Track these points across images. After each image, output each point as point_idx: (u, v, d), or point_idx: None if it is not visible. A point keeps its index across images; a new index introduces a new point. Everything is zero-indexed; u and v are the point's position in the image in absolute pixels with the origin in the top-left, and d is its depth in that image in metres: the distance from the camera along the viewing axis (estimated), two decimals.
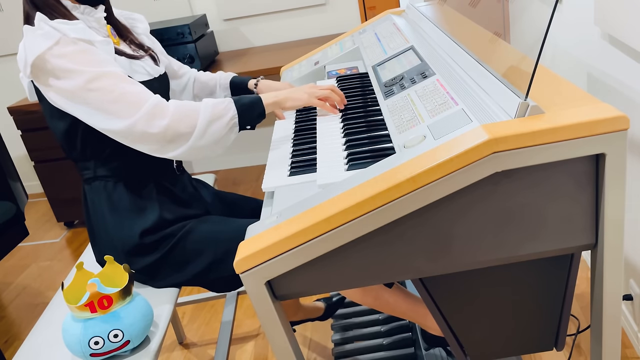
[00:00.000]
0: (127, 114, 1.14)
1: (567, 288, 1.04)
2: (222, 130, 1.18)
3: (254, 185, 3.15)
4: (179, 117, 1.15)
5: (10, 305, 2.45)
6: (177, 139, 1.16)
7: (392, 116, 1.14)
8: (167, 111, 1.15)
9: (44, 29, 1.13)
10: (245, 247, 0.92)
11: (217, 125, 1.18)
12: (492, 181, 0.85)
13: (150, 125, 1.14)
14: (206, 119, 1.16)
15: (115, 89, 1.13)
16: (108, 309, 1.11)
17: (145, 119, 1.14)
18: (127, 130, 1.15)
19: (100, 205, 1.29)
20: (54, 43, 1.12)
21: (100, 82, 1.13)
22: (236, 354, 1.89)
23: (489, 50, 1.13)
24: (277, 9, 2.99)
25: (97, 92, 1.13)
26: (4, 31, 3.11)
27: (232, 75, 1.59)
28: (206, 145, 1.18)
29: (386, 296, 1.31)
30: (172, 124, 1.15)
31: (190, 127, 1.15)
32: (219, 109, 1.18)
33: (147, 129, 1.14)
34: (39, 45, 1.12)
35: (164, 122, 1.14)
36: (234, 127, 1.20)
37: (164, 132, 1.15)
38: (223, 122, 1.18)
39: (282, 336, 0.98)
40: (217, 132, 1.18)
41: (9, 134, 3.30)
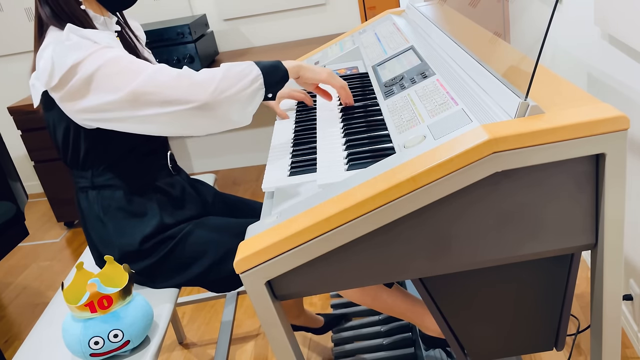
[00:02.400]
0: (130, 78, 1.08)
1: (567, 288, 1.05)
2: (247, 89, 1.10)
3: (254, 185, 3.15)
4: (194, 74, 1.09)
5: (10, 305, 2.45)
6: (196, 91, 1.07)
7: (392, 116, 1.14)
8: (174, 72, 1.09)
9: (72, 39, 1.10)
10: (245, 247, 0.92)
11: (242, 83, 1.10)
12: (492, 181, 0.85)
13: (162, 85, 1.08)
14: (227, 75, 1.09)
15: (119, 63, 1.09)
16: (108, 309, 1.11)
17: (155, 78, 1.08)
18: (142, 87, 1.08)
19: (98, 214, 1.28)
20: (89, 54, 1.09)
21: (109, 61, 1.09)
22: (236, 354, 1.89)
23: (489, 50, 1.13)
24: (277, 9, 2.99)
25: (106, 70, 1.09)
26: (4, 31, 3.11)
27: None
28: (230, 103, 1.09)
29: (385, 296, 1.31)
30: (188, 73, 1.09)
31: (210, 80, 1.08)
32: (239, 68, 1.11)
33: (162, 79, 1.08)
34: (70, 56, 1.09)
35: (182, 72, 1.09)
36: (259, 88, 1.13)
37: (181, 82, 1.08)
38: (247, 81, 1.10)
39: (282, 336, 0.98)
40: (242, 89, 1.10)
41: (9, 134, 3.30)
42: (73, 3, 1.17)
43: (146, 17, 3.07)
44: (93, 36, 1.12)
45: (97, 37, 1.13)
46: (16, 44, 3.14)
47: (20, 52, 3.17)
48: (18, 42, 3.12)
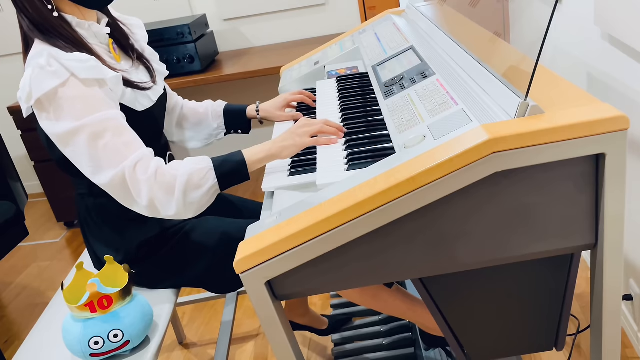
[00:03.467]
0: (107, 167, 1.09)
1: (567, 288, 1.04)
2: (202, 199, 1.10)
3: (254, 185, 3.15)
4: (156, 185, 1.08)
5: (10, 305, 2.45)
6: (156, 208, 1.10)
7: (392, 116, 1.14)
8: (144, 180, 1.08)
9: (53, 66, 1.08)
10: (245, 247, 0.92)
11: (196, 194, 1.10)
12: (492, 181, 0.85)
13: (132, 186, 1.09)
14: (182, 189, 1.08)
15: (100, 140, 1.08)
16: (108, 309, 1.11)
17: (127, 180, 1.09)
18: (109, 186, 1.10)
19: (96, 220, 1.28)
20: (61, 83, 1.07)
21: (87, 131, 1.08)
22: (236, 354, 1.89)
23: (489, 50, 1.13)
24: (277, 9, 2.99)
25: (81, 142, 1.08)
26: (4, 31, 3.11)
27: (223, 103, 1.52)
28: (184, 212, 1.10)
29: (385, 296, 1.31)
30: (150, 189, 1.08)
31: (168, 195, 1.09)
32: (197, 177, 1.09)
33: (126, 191, 1.10)
34: (47, 82, 1.07)
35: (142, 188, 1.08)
36: (214, 194, 1.13)
37: (141, 200, 1.10)
38: (202, 191, 1.10)
39: (282, 336, 0.98)
40: (196, 201, 1.10)
41: (9, 134, 3.30)
42: (44, 12, 1.13)
43: (146, 17, 3.07)
44: (72, 67, 1.08)
45: (76, 67, 1.08)
46: (16, 44, 3.14)
47: (20, 52, 3.16)
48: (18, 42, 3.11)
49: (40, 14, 1.13)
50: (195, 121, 1.52)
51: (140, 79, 1.26)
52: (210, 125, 1.52)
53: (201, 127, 1.52)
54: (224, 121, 1.51)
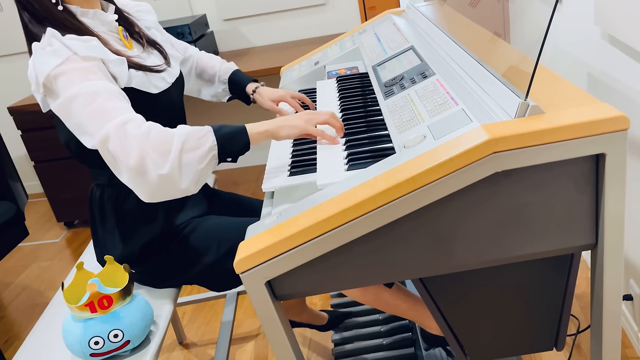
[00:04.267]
0: (95, 129, 1.04)
1: (567, 288, 1.04)
2: (199, 162, 1.03)
3: (254, 185, 3.15)
4: (149, 143, 1.02)
5: (10, 305, 2.45)
6: (146, 167, 1.01)
7: (392, 116, 1.14)
8: (135, 135, 1.02)
9: (54, 45, 1.07)
10: (245, 247, 0.92)
11: (193, 155, 1.03)
12: (492, 181, 0.85)
13: (120, 144, 1.02)
14: (179, 147, 1.02)
15: (92, 104, 1.04)
16: (108, 309, 1.11)
17: (113, 138, 1.02)
18: (100, 145, 1.04)
19: (110, 212, 1.28)
20: (63, 61, 1.06)
21: (81, 97, 1.05)
22: (236, 354, 1.89)
23: (489, 50, 1.13)
24: (277, 9, 2.99)
25: (75, 108, 1.06)
26: (4, 31, 3.11)
27: (232, 68, 1.56)
28: (179, 177, 1.02)
29: (386, 295, 1.31)
30: (142, 146, 1.01)
31: (162, 152, 1.01)
32: (195, 137, 1.04)
33: (117, 147, 1.02)
34: (48, 62, 1.06)
35: (133, 144, 1.01)
36: (212, 159, 1.06)
37: (129, 160, 1.01)
38: (200, 153, 1.03)
39: (282, 336, 0.98)
40: (193, 164, 1.03)
41: (9, 134, 3.30)
42: (50, 6, 1.13)
43: None
44: (72, 45, 1.08)
45: (77, 46, 1.08)
46: (16, 44, 3.14)
47: (20, 52, 3.17)
48: (18, 42, 3.12)
49: (45, 9, 1.13)
50: (207, 77, 1.58)
51: (153, 62, 1.27)
52: (217, 86, 1.58)
53: (211, 85, 1.58)
54: (228, 89, 1.57)
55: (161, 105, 1.24)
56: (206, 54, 1.59)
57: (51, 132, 2.71)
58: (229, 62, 1.59)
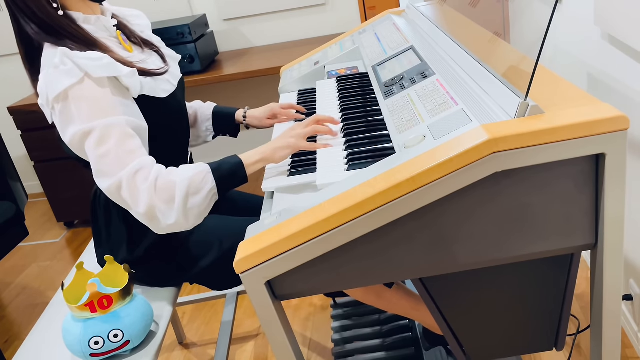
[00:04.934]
0: (107, 173, 1.08)
1: (567, 288, 1.04)
2: (201, 204, 1.09)
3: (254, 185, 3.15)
4: (157, 195, 1.07)
5: (10, 305, 2.45)
6: (156, 217, 1.08)
7: (392, 116, 1.14)
8: (145, 189, 1.07)
9: (67, 64, 1.07)
10: (245, 247, 0.92)
11: (195, 199, 1.08)
12: (492, 181, 0.85)
13: (130, 195, 1.08)
14: (182, 195, 1.07)
15: (105, 145, 1.07)
16: (108, 309, 1.11)
17: (124, 188, 1.07)
18: (109, 192, 1.09)
19: (117, 216, 1.28)
20: (77, 82, 1.06)
21: (95, 135, 1.07)
22: (236, 354, 1.89)
23: (489, 50, 1.13)
24: (277, 9, 2.99)
25: (88, 145, 1.08)
26: (4, 31, 3.11)
27: (212, 105, 1.52)
28: (185, 220, 1.09)
29: (388, 295, 1.31)
30: (150, 198, 1.07)
31: (168, 202, 1.07)
32: (196, 182, 1.08)
33: (127, 197, 1.08)
34: (61, 82, 1.06)
35: (141, 196, 1.07)
36: (213, 198, 1.12)
37: (139, 209, 1.08)
38: (201, 196, 1.09)
39: (282, 336, 0.98)
40: (196, 206, 1.09)
41: (9, 134, 3.29)
42: (52, 13, 1.13)
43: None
44: (85, 66, 1.07)
45: (90, 65, 1.08)
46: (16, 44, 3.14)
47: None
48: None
49: (48, 15, 1.12)
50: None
51: (155, 64, 1.27)
52: (198, 127, 1.52)
53: (192, 127, 1.52)
54: (212, 124, 1.51)
55: (171, 108, 1.24)
56: None
57: (51, 132, 2.70)
58: (206, 102, 1.55)
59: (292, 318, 2.00)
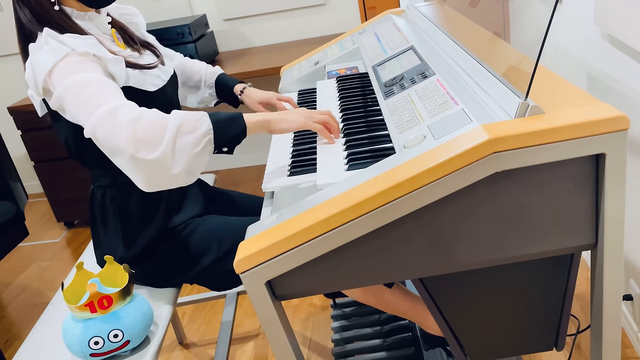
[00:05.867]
0: (87, 116, 1.03)
1: (567, 288, 1.04)
2: (194, 146, 1.01)
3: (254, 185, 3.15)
4: (140, 125, 1.00)
5: (10, 305, 2.45)
6: (139, 149, 0.99)
7: (392, 116, 1.14)
8: (126, 121, 1.00)
9: (50, 44, 1.08)
10: (245, 247, 0.92)
11: (187, 139, 1.00)
12: (492, 181, 0.85)
13: (109, 130, 1.00)
14: (173, 131, 0.99)
15: (83, 92, 1.04)
16: (108, 309, 1.11)
17: (103, 123, 1.01)
18: (91, 133, 1.03)
19: (112, 213, 1.28)
20: (61, 57, 1.06)
21: (75, 87, 1.05)
22: (236, 354, 1.89)
23: (489, 50, 1.13)
24: (277, 9, 2.99)
25: (69, 98, 1.05)
26: (4, 31, 3.11)
27: (218, 72, 1.55)
28: (171, 161, 1.00)
29: (387, 295, 1.31)
30: (132, 130, 0.99)
31: (155, 137, 0.99)
32: (190, 121, 1.01)
33: (107, 134, 1.00)
34: (47, 61, 1.06)
35: (122, 129, 0.99)
36: (207, 144, 1.03)
37: (122, 142, 0.99)
38: (194, 137, 1.01)
39: (282, 336, 0.98)
40: (187, 148, 1.00)
41: (9, 134, 3.30)
42: (47, 5, 1.14)
43: (146, 17, 3.06)
44: (70, 42, 1.09)
45: (74, 43, 1.09)
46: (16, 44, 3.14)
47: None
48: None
49: (42, 6, 1.14)
50: (192, 84, 1.56)
51: (147, 61, 1.28)
52: (203, 91, 1.55)
53: (197, 90, 1.56)
54: (215, 91, 1.55)
55: (159, 103, 1.24)
56: (190, 60, 1.58)
57: (51, 132, 2.71)
58: (214, 67, 1.58)
59: (292, 318, 2.00)
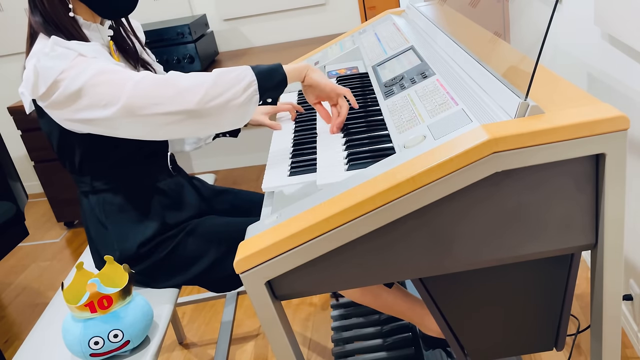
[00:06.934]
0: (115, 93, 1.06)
1: (567, 288, 1.04)
2: (239, 97, 1.06)
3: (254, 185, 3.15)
4: (181, 80, 1.06)
5: (10, 305, 2.45)
6: (183, 99, 1.04)
7: (392, 116, 1.14)
8: (165, 77, 1.06)
9: (57, 50, 1.09)
10: (245, 247, 0.92)
11: (234, 90, 1.06)
12: (492, 181, 0.85)
13: (146, 96, 1.05)
14: (217, 82, 1.05)
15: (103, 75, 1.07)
16: (108, 309, 1.11)
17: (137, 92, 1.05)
18: (126, 109, 1.06)
19: (99, 217, 1.28)
20: (70, 61, 1.08)
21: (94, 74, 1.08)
22: (236, 354, 1.89)
23: (489, 50, 1.13)
24: (277, 9, 2.99)
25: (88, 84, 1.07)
26: (4, 31, 3.11)
27: None
28: (220, 111, 1.06)
29: (385, 296, 1.31)
30: (174, 80, 1.05)
31: (197, 87, 1.04)
32: (232, 74, 1.07)
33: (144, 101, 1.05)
34: (56, 67, 1.07)
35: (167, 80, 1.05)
36: (253, 94, 1.08)
37: (166, 94, 1.05)
38: (240, 88, 1.06)
39: (282, 336, 0.98)
40: (233, 97, 1.06)
41: (9, 134, 3.30)
42: (61, 11, 1.15)
43: (146, 17, 3.07)
44: (77, 48, 1.10)
45: (82, 49, 1.11)
46: (16, 44, 3.14)
47: (20, 52, 3.17)
48: (18, 42, 3.12)
49: (56, 11, 1.15)
50: None
51: None
52: None
53: None
54: None
55: None
56: None
57: None
58: None
59: (292, 318, 2.00)
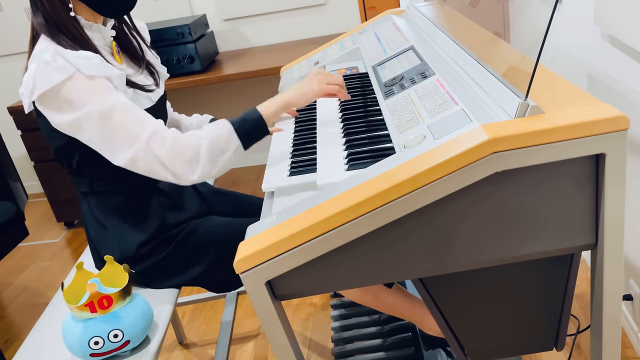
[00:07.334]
0: (120, 149, 1.12)
1: (567, 288, 1.04)
2: (228, 161, 1.17)
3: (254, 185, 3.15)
4: (177, 159, 1.13)
5: (10, 305, 2.45)
6: (179, 178, 1.15)
7: (392, 116, 1.14)
8: (162, 154, 1.12)
9: (58, 61, 1.09)
10: (245, 247, 0.92)
11: (222, 158, 1.16)
12: (492, 181, 0.85)
13: (148, 162, 1.13)
14: (207, 156, 1.14)
15: (109, 121, 1.11)
16: (108, 309, 1.11)
17: (144, 152, 1.12)
18: (127, 166, 1.14)
19: (98, 218, 1.28)
20: (67, 77, 1.09)
21: (95, 117, 1.11)
22: (236, 354, 1.89)
23: (489, 50, 1.13)
24: (277, 9, 2.99)
25: (94, 124, 1.11)
26: (4, 31, 3.11)
27: (209, 117, 1.54)
28: (214, 172, 1.17)
29: (385, 295, 1.31)
30: (171, 167, 1.13)
31: (192, 163, 1.14)
32: (221, 142, 1.15)
33: (145, 170, 1.14)
34: (52, 77, 1.08)
35: (162, 168, 1.13)
36: (238, 151, 1.18)
37: (162, 175, 1.14)
38: (228, 155, 1.17)
39: (282, 336, 0.98)
40: (222, 164, 1.17)
41: (9, 134, 3.30)
42: (61, 11, 1.15)
43: (146, 17, 3.07)
44: (76, 63, 1.10)
45: (81, 63, 1.10)
46: (16, 44, 3.14)
47: (20, 52, 3.17)
48: (18, 42, 3.12)
49: (56, 12, 1.15)
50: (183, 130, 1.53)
51: (143, 82, 1.28)
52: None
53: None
54: None
55: None
56: (175, 113, 1.57)
57: None
58: (202, 115, 1.57)
59: (292, 318, 2.00)
